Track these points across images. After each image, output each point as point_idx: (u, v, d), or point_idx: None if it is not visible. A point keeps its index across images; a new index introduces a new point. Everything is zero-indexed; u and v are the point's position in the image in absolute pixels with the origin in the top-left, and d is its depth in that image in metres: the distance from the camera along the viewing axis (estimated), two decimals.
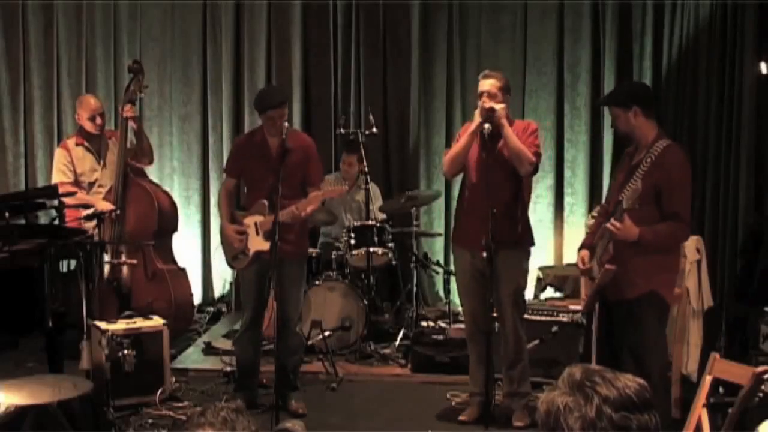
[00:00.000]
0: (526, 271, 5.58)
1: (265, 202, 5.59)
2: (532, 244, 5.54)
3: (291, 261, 5.58)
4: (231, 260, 5.89)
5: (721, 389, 4.99)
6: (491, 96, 5.27)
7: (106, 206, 6.44)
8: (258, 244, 5.63)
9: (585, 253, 4.87)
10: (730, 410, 3.35)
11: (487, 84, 5.31)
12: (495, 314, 5.42)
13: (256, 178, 5.71)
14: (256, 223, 5.63)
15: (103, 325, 5.73)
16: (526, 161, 5.24)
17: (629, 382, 1.85)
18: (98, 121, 6.82)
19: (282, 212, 5.38)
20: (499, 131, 5.25)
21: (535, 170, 5.41)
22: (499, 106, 5.24)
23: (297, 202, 5.45)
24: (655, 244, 4.53)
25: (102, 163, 6.85)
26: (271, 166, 5.56)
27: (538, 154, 5.35)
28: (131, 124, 6.77)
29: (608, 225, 4.52)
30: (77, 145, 6.83)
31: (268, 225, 5.53)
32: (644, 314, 4.58)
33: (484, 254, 5.16)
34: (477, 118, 5.31)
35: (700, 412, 3.54)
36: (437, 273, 8.17)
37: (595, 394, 1.82)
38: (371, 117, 7.68)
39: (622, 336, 4.69)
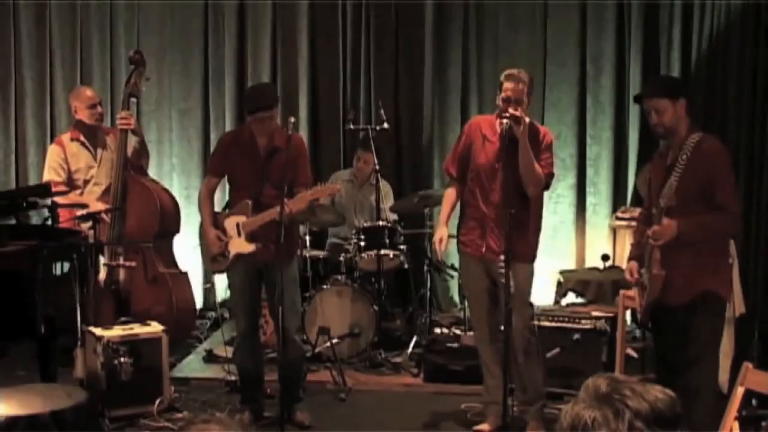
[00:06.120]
0: (532, 275, 5.54)
1: (249, 202, 5.58)
2: (535, 257, 5.53)
3: (282, 263, 5.52)
4: (210, 262, 5.86)
5: (753, 401, 4.97)
6: (518, 102, 5.18)
7: (100, 207, 6.42)
8: (239, 245, 5.61)
9: (633, 264, 4.85)
10: (763, 423, 3.34)
11: (514, 89, 5.20)
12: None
13: (242, 178, 5.69)
14: (238, 224, 5.60)
15: (98, 331, 5.73)
16: (536, 184, 5.25)
17: (660, 395, 1.83)
18: (99, 109, 6.82)
19: (268, 212, 5.42)
20: (515, 140, 5.18)
21: (546, 188, 5.43)
22: (526, 119, 5.18)
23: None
24: (700, 236, 4.54)
25: (98, 159, 6.83)
26: (258, 166, 5.59)
27: (551, 175, 5.37)
28: (132, 135, 6.75)
29: (648, 232, 4.56)
30: (72, 140, 6.82)
31: (250, 226, 5.55)
32: (700, 317, 4.58)
33: (501, 263, 5.13)
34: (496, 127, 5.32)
35: (731, 425, 3.52)
36: (451, 277, 8.16)
37: (626, 408, 1.80)
38: (382, 112, 7.66)
39: (677, 344, 4.67)
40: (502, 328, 5.18)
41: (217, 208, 6.04)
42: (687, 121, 4.66)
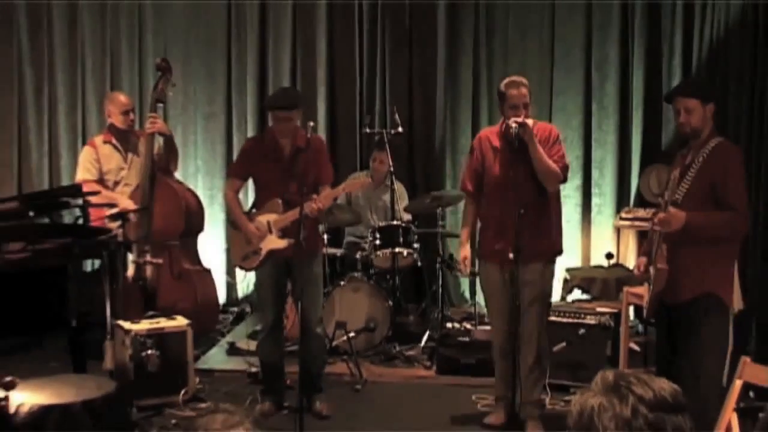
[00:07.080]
0: (552, 279, 5.50)
1: (280, 200, 5.61)
2: (560, 253, 5.48)
3: (306, 260, 5.55)
4: (241, 261, 5.87)
5: (751, 393, 4.97)
6: (525, 106, 5.19)
7: (130, 205, 6.47)
8: (271, 242, 5.64)
9: (642, 260, 4.80)
10: (760, 415, 3.35)
11: (519, 94, 5.20)
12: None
13: (268, 179, 5.72)
14: (268, 222, 5.63)
15: (126, 324, 5.79)
16: (555, 180, 5.23)
17: (664, 385, 1.87)
18: (131, 116, 6.87)
19: (299, 208, 5.40)
20: (524, 144, 5.15)
21: (564, 181, 5.37)
22: (530, 121, 5.17)
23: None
24: (708, 232, 4.46)
25: (129, 162, 6.86)
26: (284, 167, 5.62)
27: (566, 167, 5.32)
28: (159, 136, 6.78)
29: (654, 219, 4.53)
30: (105, 142, 6.85)
31: (282, 223, 5.58)
32: (701, 318, 4.49)
33: (529, 264, 5.13)
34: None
35: (729, 417, 3.52)
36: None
37: (630, 393, 1.84)
38: (396, 116, 7.71)
39: (679, 341, 4.62)
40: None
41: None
42: (711, 127, 4.61)
